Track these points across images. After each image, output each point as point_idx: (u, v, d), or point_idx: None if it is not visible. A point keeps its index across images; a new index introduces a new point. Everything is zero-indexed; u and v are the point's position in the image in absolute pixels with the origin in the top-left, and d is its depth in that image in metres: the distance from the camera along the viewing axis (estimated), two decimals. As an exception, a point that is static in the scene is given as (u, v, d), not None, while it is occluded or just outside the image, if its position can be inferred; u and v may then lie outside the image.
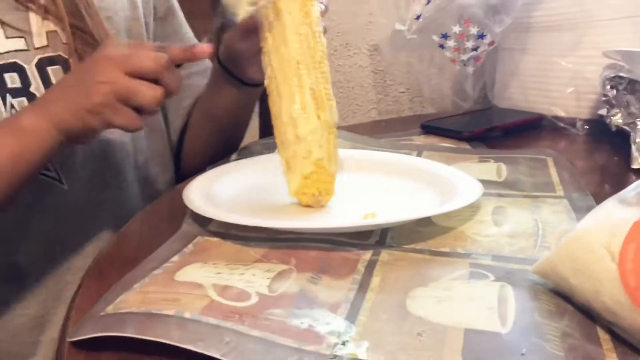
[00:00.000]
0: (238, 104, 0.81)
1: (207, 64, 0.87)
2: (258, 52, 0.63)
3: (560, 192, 0.64)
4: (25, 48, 0.68)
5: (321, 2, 0.63)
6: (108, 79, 0.57)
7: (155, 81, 0.59)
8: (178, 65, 0.62)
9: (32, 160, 0.60)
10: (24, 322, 0.70)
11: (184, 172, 0.88)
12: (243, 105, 0.82)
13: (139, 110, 0.59)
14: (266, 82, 0.60)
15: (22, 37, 0.68)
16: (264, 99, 0.67)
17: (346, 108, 1.30)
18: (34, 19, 0.69)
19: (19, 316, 0.70)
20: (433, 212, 0.55)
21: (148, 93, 0.58)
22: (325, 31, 0.61)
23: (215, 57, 0.77)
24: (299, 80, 0.58)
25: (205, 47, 0.62)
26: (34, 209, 0.70)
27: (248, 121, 0.87)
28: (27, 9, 0.69)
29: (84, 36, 0.70)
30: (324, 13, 0.65)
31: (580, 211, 0.57)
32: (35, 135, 0.59)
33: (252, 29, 0.63)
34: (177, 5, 0.88)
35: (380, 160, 0.72)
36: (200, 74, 0.86)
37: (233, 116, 0.82)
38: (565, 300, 0.43)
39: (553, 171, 0.71)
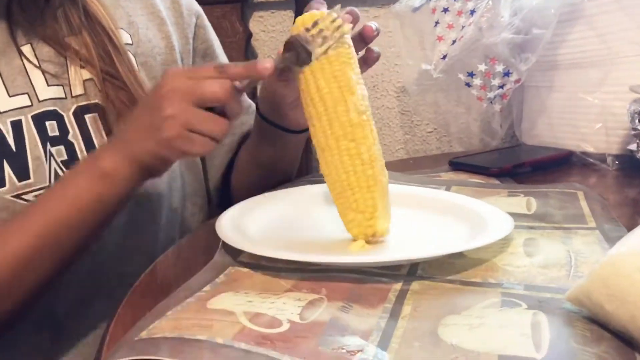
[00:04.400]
0: (285, 150, 0.81)
1: (248, 100, 0.88)
2: (299, 96, 0.64)
3: (592, 224, 0.63)
4: (64, 96, 0.70)
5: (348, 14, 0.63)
6: (176, 112, 0.57)
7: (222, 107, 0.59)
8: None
9: (116, 202, 0.63)
10: None
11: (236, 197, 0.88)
12: (290, 150, 0.82)
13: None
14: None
15: (61, 85, 0.70)
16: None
17: (374, 148, 1.31)
18: (72, 68, 0.71)
19: None
20: (465, 247, 0.55)
21: (216, 126, 0.58)
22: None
23: (256, 109, 0.77)
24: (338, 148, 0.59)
25: (267, 62, 0.58)
26: None
27: (298, 159, 0.85)
28: (65, 57, 0.71)
29: (114, 81, 0.71)
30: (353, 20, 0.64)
31: (613, 242, 0.56)
32: (118, 178, 0.61)
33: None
34: (217, 45, 0.89)
35: (409, 194, 0.72)
36: None
37: (281, 161, 0.82)
38: (601, 327, 0.42)
39: (584, 204, 0.70)
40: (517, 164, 0.90)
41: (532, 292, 0.48)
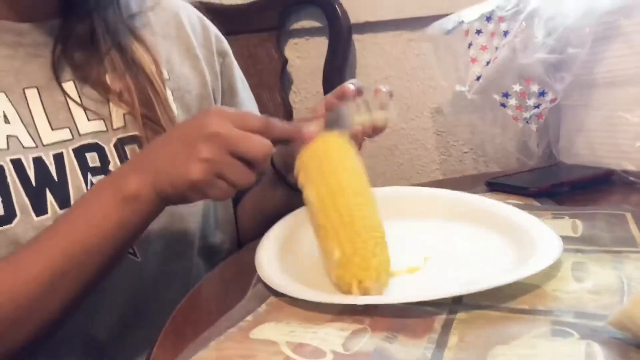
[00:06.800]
0: (289, 205, 0.78)
1: None
2: None
3: (643, 247, 0.61)
4: (104, 130, 0.72)
5: (352, 84, 0.66)
6: (212, 157, 0.57)
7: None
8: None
9: (137, 227, 0.62)
10: None
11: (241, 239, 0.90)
12: (294, 207, 0.79)
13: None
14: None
15: (101, 119, 0.72)
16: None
17: (410, 170, 1.30)
18: (113, 106, 0.73)
19: None
20: (514, 277, 0.52)
21: (244, 178, 0.59)
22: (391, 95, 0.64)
23: (270, 160, 0.77)
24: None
25: (313, 129, 0.62)
26: (109, 281, 0.68)
27: None
28: (107, 100, 0.72)
29: (153, 125, 0.72)
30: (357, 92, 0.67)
31: (665, 266, 0.55)
32: (141, 203, 0.60)
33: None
34: (240, 85, 0.90)
35: (453, 204, 0.72)
36: None
37: (283, 214, 0.80)
38: (659, 358, 0.40)
39: (633, 226, 0.68)
40: (555, 184, 0.88)
41: (583, 320, 0.47)
